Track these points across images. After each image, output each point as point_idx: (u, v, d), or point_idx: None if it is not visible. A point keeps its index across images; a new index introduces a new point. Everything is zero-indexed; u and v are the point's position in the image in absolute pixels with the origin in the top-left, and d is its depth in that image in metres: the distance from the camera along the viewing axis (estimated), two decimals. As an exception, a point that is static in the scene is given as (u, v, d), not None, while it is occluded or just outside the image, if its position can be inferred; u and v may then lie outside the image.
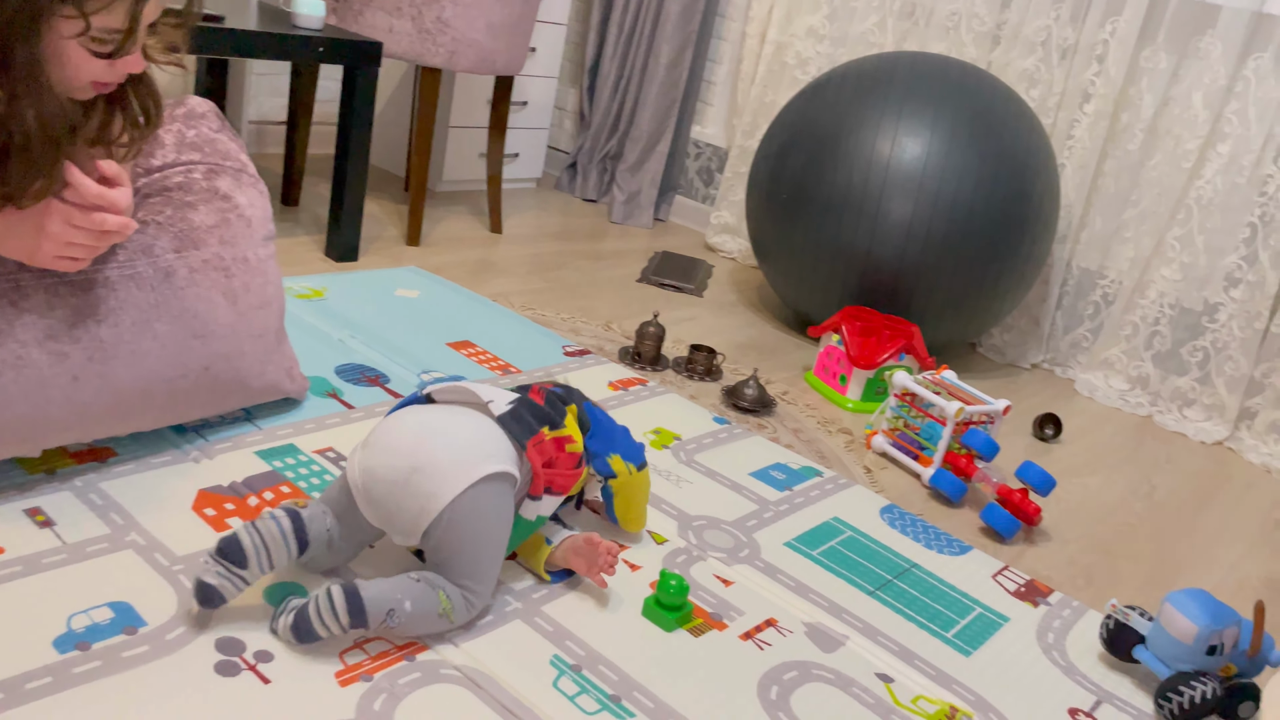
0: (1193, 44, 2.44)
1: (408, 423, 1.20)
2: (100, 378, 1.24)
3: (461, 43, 2.45)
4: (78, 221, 1.13)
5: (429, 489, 1.14)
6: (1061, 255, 2.64)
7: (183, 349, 1.33)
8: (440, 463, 1.15)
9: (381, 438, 1.19)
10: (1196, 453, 2.38)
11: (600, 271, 2.78)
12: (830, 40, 2.97)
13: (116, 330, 1.26)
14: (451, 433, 1.19)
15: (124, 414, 1.30)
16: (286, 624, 1.11)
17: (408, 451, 1.16)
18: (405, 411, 1.24)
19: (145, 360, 1.29)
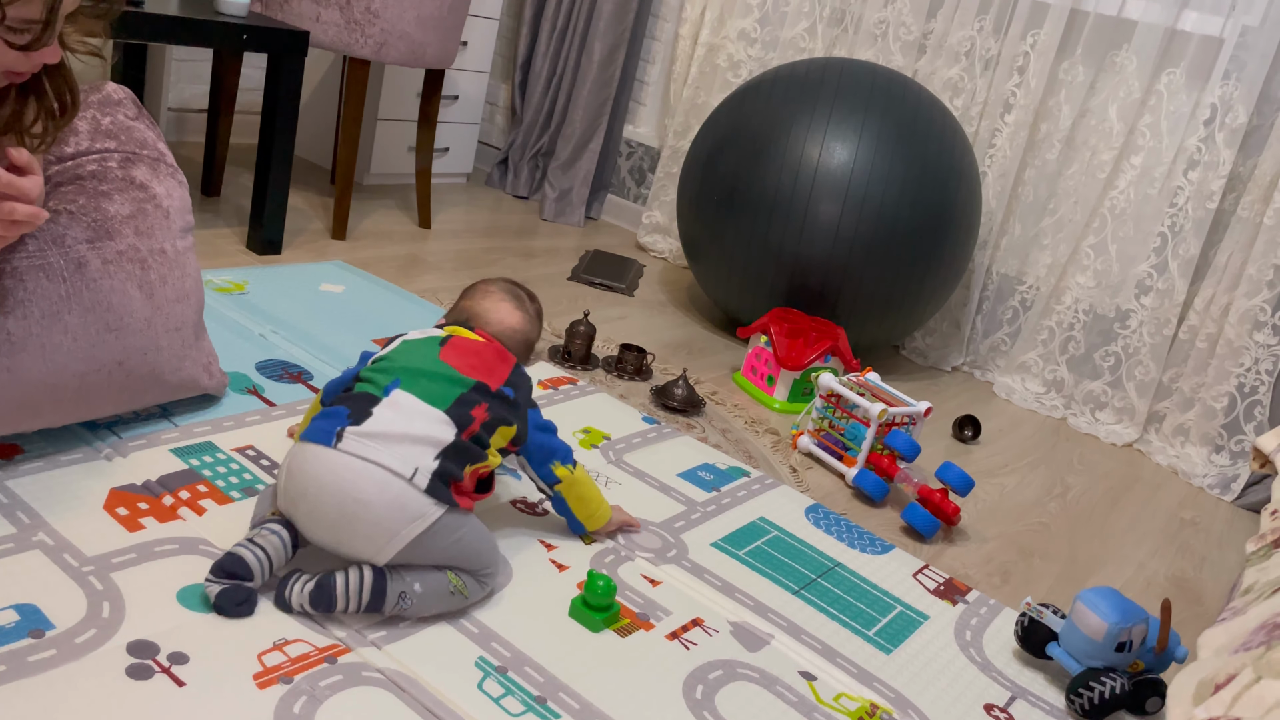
0: (1109, 58, 2.52)
1: (325, 497, 1.16)
2: (7, 371, 1.19)
3: (391, 34, 2.42)
4: None
5: (369, 545, 1.18)
6: (982, 261, 2.71)
7: (95, 343, 1.29)
8: (370, 524, 1.17)
9: (303, 499, 1.17)
10: (1108, 454, 2.47)
11: (531, 269, 2.76)
12: (761, 44, 3.00)
13: (25, 323, 1.21)
14: (369, 504, 1.16)
15: (32, 409, 1.26)
16: (305, 590, 1.15)
17: (331, 523, 1.18)
18: (320, 475, 1.16)
19: (55, 354, 1.24)
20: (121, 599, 1.12)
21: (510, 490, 1.57)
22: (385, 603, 1.17)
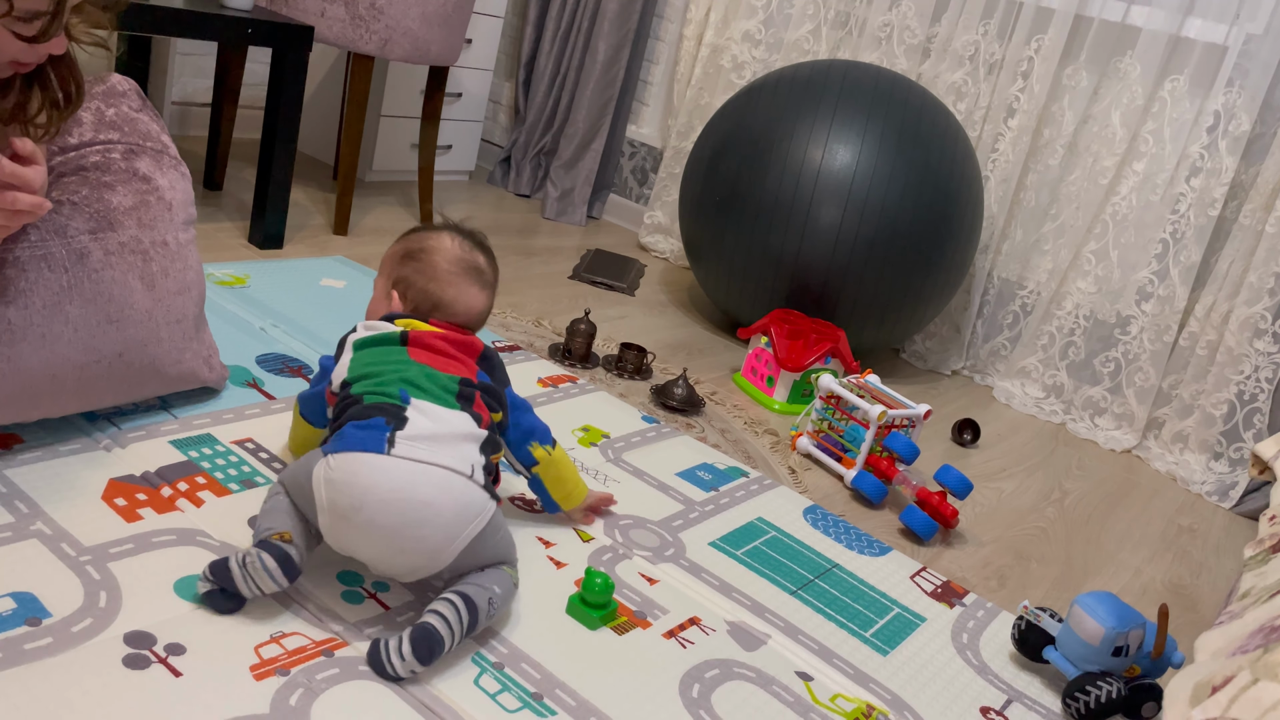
0: (1113, 64, 2.52)
1: (384, 506, 1.12)
2: (7, 361, 1.19)
3: (395, 31, 2.42)
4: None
5: (429, 551, 1.15)
6: (983, 265, 2.71)
7: (95, 333, 1.29)
8: (436, 527, 1.14)
9: (357, 512, 1.12)
10: (1106, 460, 2.47)
11: (532, 267, 2.76)
12: (765, 45, 3.00)
13: (26, 313, 1.21)
14: (434, 506, 1.14)
15: (32, 399, 1.25)
16: (405, 650, 1.08)
17: (389, 533, 1.12)
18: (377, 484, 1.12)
19: (55, 344, 1.24)
20: (119, 589, 1.12)
21: (508, 487, 1.57)
22: (479, 617, 1.14)
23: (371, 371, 1.25)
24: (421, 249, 1.40)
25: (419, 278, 1.38)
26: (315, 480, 1.14)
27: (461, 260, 1.40)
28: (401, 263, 1.40)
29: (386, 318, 1.36)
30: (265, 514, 1.18)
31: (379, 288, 1.44)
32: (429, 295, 1.38)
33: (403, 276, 1.39)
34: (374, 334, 1.31)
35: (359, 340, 1.31)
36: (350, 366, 1.28)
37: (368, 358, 1.28)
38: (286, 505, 1.18)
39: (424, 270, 1.38)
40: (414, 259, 1.40)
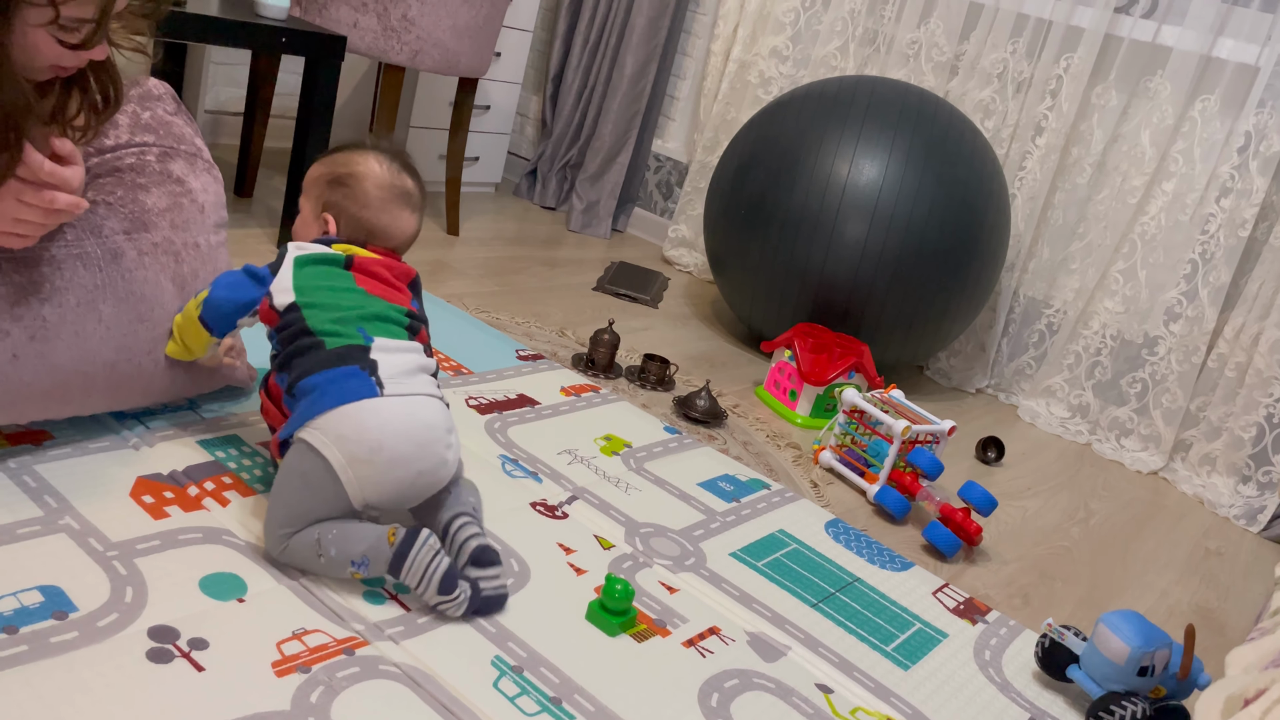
0: (1143, 84, 2.51)
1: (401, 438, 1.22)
2: (40, 357, 1.21)
3: (426, 42, 2.44)
4: (28, 199, 1.11)
5: (443, 467, 1.27)
6: (1009, 283, 2.70)
7: (127, 332, 1.30)
8: (444, 445, 1.26)
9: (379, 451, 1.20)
10: (1133, 481, 2.44)
11: (556, 278, 2.77)
12: (793, 61, 3.01)
13: (60, 310, 1.23)
14: (437, 426, 1.26)
15: (63, 396, 1.27)
16: (435, 579, 1.18)
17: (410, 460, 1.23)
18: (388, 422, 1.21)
19: (88, 342, 1.26)
20: (144, 584, 1.13)
21: (530, 492, 1.57)
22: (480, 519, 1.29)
23: (323, 300, 1.28)
24: (350, 174, 1.39)
25: (350, 204, 1.39)
26: (320, 446, 1.19)
27: (392, 186, 1.40)
28: (330, 188, 1.39)
29: (323, 241, 1.37)
30: (326, 565, 1.19)
31: (305, 209, 1.43)
32: (362, 223, 1.39)
33: (333, 202, 1.39)
34: (314, 253, 1.32)
35: (300, 256, 1.31)
36: (296, 285, 1.29)
37: (313, 278, 1.30)
38: (313, 539, 1.18)
39: (355, 197, 1.38)
40: (343, 184, 1.39)
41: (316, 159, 1.44)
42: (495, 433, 1.74)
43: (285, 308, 1.28)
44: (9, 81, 1.02)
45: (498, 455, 1.66)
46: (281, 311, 1.29)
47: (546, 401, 1.92)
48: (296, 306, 1.27)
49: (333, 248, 1.35)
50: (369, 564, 1.18)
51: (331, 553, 1.17)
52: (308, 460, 1.20)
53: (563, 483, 1.63)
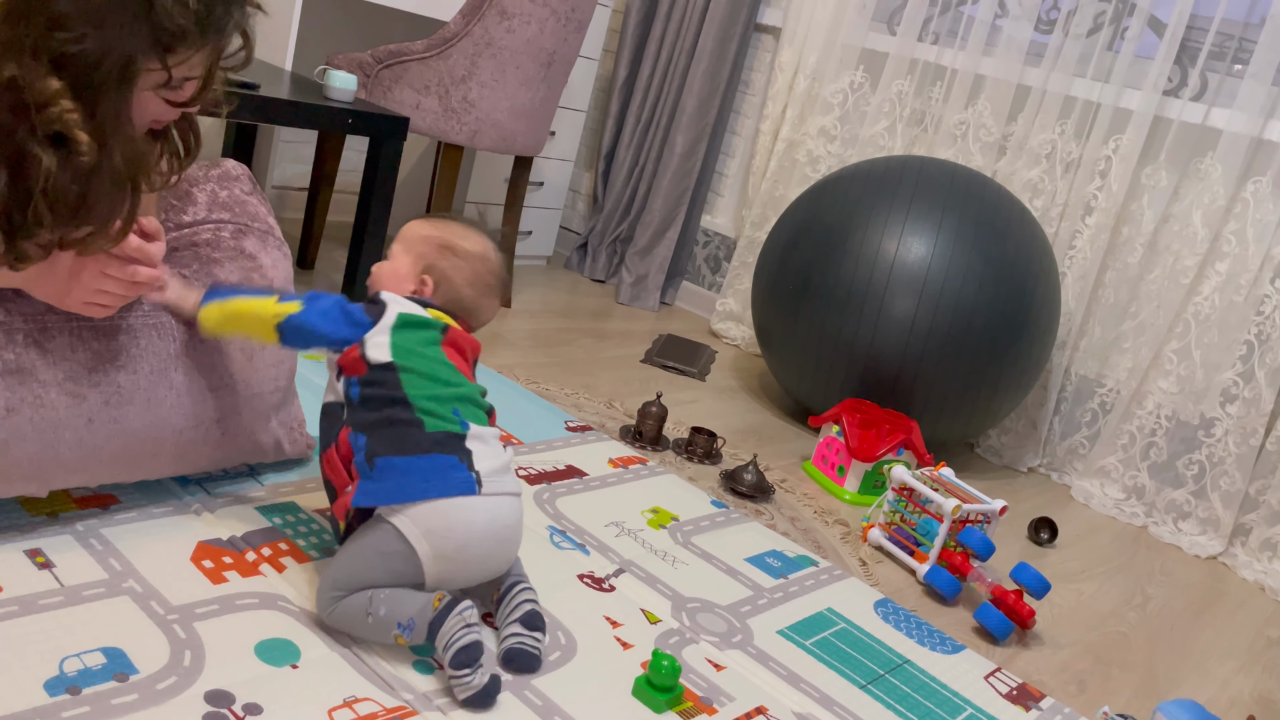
0: (1193, 165, 2.52)
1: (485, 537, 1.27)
2: (114, 422, 1.26)
3: (485, 122, 2.53)
4: (112, 271, 1.17)
5: (507, 562, 1.34)
6: (1061, 361, 2.68)
7: (197, 400, 1.35)
8: (515, 543, 1.33)
9: (465, 549, 1.25)
10: (1191, 566, 2.38)
11: (605, 350, 2.81)
12: (841, 141, 3.06)
13: (135, 377, 1.28)
14: (515, 527, 1.32)
15: (133, 461, 1.32)
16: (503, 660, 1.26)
17: (485, 556, 1.29)
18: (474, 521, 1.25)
19: (159, 409, 1.31)
20: (203, 648, 1.16)
21: (577, 564, 1.58)
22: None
23: (420, 368, 1.28)
24: (465, 250, 1.41)
25: (456, 277, 1.40)
26: (411, 538, 1.21)
27: (496, 274, 1.44)
28: (439, 253, 1.41)
29: (419, 302, 1.37)
30: (372, 628, 1.21)
31: (402, 263, 1.42)
32: (462, 299, 1.41)
33: (439, 268, 1.40)
34: (416, 315, 1.33)
35: (403, 314, 1.32)
36: (393, 344, 1.29)
37: (411, 341, 1.30)
38: (364, 601, 1.20)
39: (463, 272, 1.40)
40: (456, 255, 1.40)
41: (425, 217, 1.45)
42: (544, 503, 1.76)
43: (379, 364, 1.27)
44: (130, 142, 1.09)
45: (546, 526, 1.68)
46: (373, 365, 1.27)
47: (594, 473, 1.94)
48: (394, 368, 1.27)
49: (428, 312, 1.36)
50: (414, 628, 1.19)
51: (381, 612, 1.19)
52: (392, 544, 1.21)
53: (610, 555, 1.64)
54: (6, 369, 1.17)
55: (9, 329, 1.18)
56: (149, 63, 1.06)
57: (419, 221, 1.45)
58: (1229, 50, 2.50)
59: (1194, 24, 2.51)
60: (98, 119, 1.03)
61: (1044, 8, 2.74)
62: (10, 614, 1.13)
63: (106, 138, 1.05)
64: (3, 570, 1.20)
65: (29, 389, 1.19)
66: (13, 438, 1.17)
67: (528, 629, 1.29)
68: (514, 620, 1.29)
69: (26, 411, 1.18)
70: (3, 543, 1.24)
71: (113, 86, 1.04)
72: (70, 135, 1.02)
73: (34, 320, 1.21)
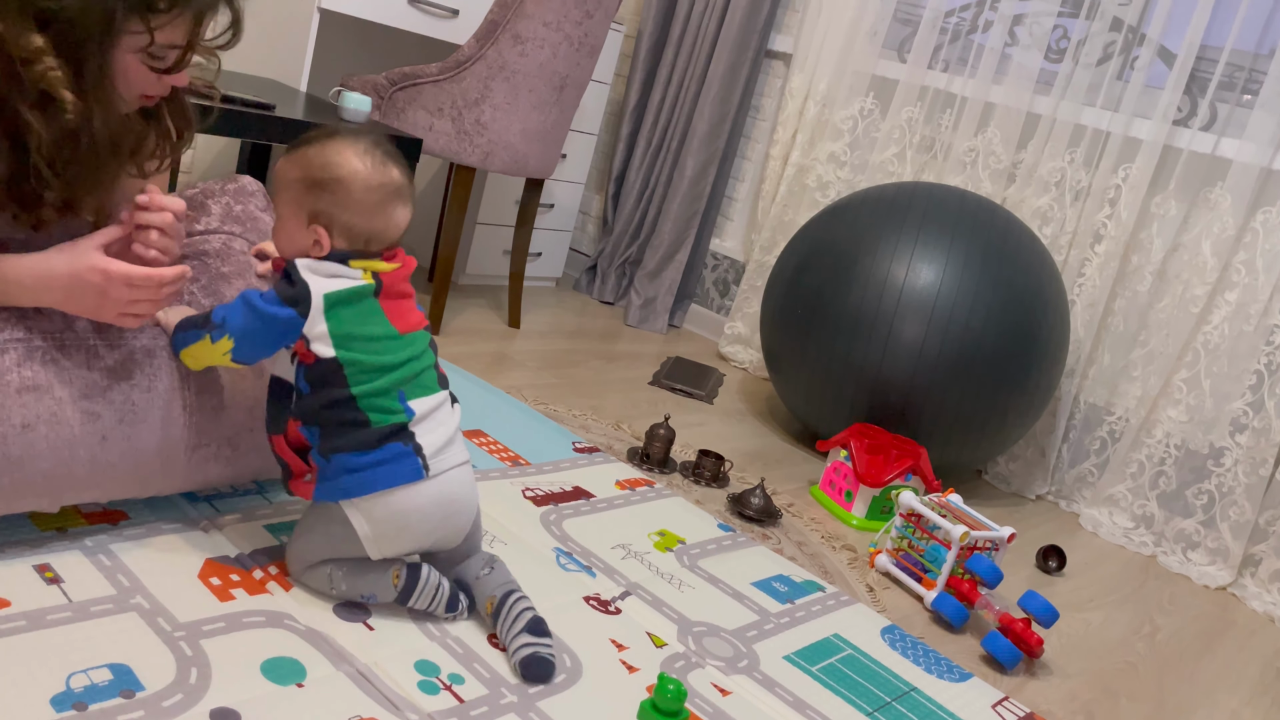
0: (1203, 194, 2.52)
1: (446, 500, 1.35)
2: (127, 440, 1.27)
3: (497, 145, 2.55)
4: (137, 280, 1.18)
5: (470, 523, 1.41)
6: (1069, 389, 2.68)
7: (209, 417, 1.36)
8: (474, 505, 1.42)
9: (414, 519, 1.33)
10: (1200, 596, 2.37)
11: (613, 372, 2.81)
12: (850, 167, 3.07)
13: (149, 395, 1.29)
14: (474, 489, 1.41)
15: (145, 477, 1.32)
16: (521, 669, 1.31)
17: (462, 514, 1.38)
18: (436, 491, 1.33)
19: (172, 426, 1.31)
20: (209, 665, 1.16)
21: (584, 587, 1.58)
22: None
23: (364, 359, 1.26)
24: (333, 179, 1.26)
25: (341, 212, 1.27)
26: (354, 521, 1.30)
27: (381, 186, 1.28)
28: (313, 194, 1.27)
29: (336, 257, 1.28)
30: (349, 582, 1.33)
31: (287, 217, 1.30)
32: (357, 229, 1.28)
33: (321, 210, 1.27)
34: (341, 289, 1.26)
35: (330, 295, 1.25)
36: (333, 334, 1.25)
37: (349, 323, 1.26)
38: (325, 573, 1.33)
39: (343, 204, 1.27)
40: (327, 190, 1.27)
41: (285, 154, 1.31)
42: (550, 525, 1.76)
43: (326, 361, 1.25)
44: (114, 107, 1.14)
45: (552, 548, 1.67)
46: (319, 359, 1.25)
47: (601, 495, 1.94)
48: (340, 366, 1.25)
49: (350, 265, 1.28)
50: (376, 598, 1.34)
51: (343, 588, 1.33)
52: (337, 524, 1.31)
53: (616, 578, 1.64)
54: (24, 385, 1.18)
55: (29, 346, 1.19)
56: (130, 24, 1.10)
57: (281, 162, 1.31)
58: (1239, 81, 2.51)
59: (1204, 54, 2.52)
60: (82, 78, 1.08)
61: (1054, 37, 2.75)
62: (18, 629, 1.13)
63: (90, 97, 1.09)
64: (11, 585, 1.20)
65: (45, 405, 1.19)
66: (28, 454, 1.18)
67: (536, 635, 1.32)
68: (520, 631, 1.32)
69: (42, 428, 1.19)
70: (12, 557, 1.25)
71: (95, 44, 1.08)
72: (56, 94, 1.07)
73: (52, 338, 1.22)
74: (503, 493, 1.82)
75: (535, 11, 2.46)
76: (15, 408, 1.17)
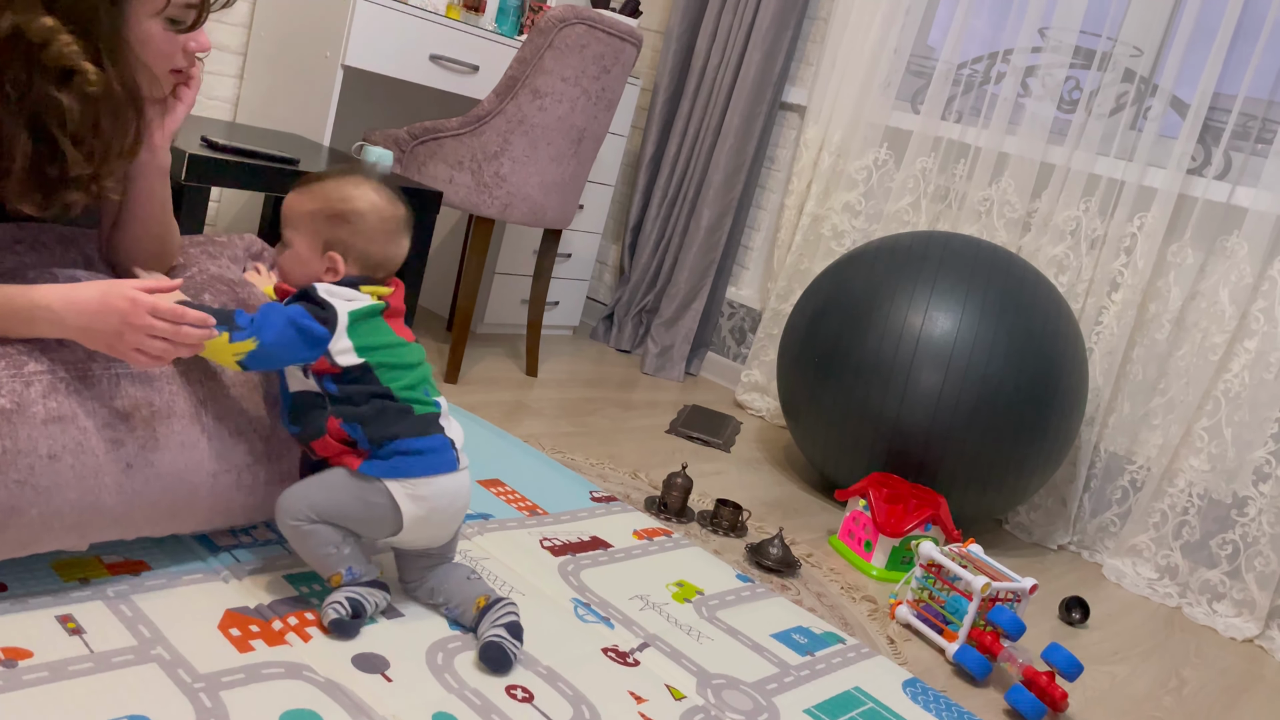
0: (1219, 242, 2.52)
1: (454, 508, 1.45)
2: (150, 466, 1.29)
3: (516, 196, 2.58)
4: (162, 312, 1.22)
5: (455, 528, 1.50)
6: (1089, 437, 2.66)
7: (228, 444, 1.39)
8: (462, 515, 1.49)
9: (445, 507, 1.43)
10: (1226, 649, 2.33)
11: (630, 420, 2.82)
12: (865, 216, 3.10)
13: (169, 421, 1.31)
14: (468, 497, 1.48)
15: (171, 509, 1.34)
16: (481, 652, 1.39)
17: (449, 523, 1.47)
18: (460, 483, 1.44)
19: (193, 452, 1.33)
20: (228, 717, 1.16)
21: (602, 638, 1.57)
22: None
23: (389, 361, 1.39)
24: (352, 211, 1.40)
25: (358, 241, 1.40)
26: (401, 502, 1.37)
27: (393, 217, 1.43)
28: (331, 225, 1.40)
29: (348, 283, 1.40)
30: (326, 557, 1.39)
31: (300, 246, 1.41)
32: (372, 257, 1.42)
33: (338, 239, 1.40)
34: (360, 307, 1.38)
35: (352, 314, 1.37)
36: (357, 346, 1.37)
37: (369, 335, 1.38)
38: (338, 537, 1.38)
39: (361, 233, 1.40)
40: (346, 221, 1.40)
41: (298, 189, 1.42)
42: (568, 575, 1.75)
43: (353, 367, 1.37)
44: (130, 69, 1.18)
45: (570, 599, 1.67)
46: (346, 369, 1.37)
47: (619, 544, 1.93)
48: (370, 368, 1.38)
49: (361, 290, 1.41)
50: (358, 579, 1.40)
51: (345, 552, 1.39)
52: (381, 500, 1.37)
53: (634, 629, 1.63)
54: (50, 416, 1.20)
55: (54, 378, 1.22)
56: None
57: (295, 196, 1.43)
58: (1252, 130, 2.52)
59: (1216, 104, 2.54)
60: (98, 48, 1.13)
61: (1066, 88, 2.78)
62: (40, 679, 1.14)
63: (107, 64, 1.14)
64: (34, 635, 1.21)
65: (70, 435, 1.22)
66: (55, 483, 1.20)
67: (511, 634, 1.40)
68: (499, 625, 1.41)
69: (68, 458, 1.21)
70: (36, 607, 1.26)
71: (105, 14, 1.13)
72: (76, 67, 1.12)
73: (75, 368, 1.25)
74: (520, 542, 1.82)
75: (554, 67, 2.51)
76: (42, 439, 1.19)
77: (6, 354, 1.20)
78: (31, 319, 1.21)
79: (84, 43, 1.12)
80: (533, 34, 2.50)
